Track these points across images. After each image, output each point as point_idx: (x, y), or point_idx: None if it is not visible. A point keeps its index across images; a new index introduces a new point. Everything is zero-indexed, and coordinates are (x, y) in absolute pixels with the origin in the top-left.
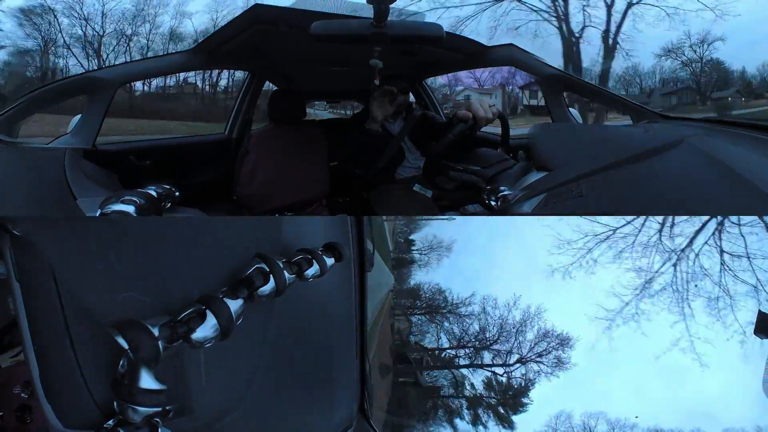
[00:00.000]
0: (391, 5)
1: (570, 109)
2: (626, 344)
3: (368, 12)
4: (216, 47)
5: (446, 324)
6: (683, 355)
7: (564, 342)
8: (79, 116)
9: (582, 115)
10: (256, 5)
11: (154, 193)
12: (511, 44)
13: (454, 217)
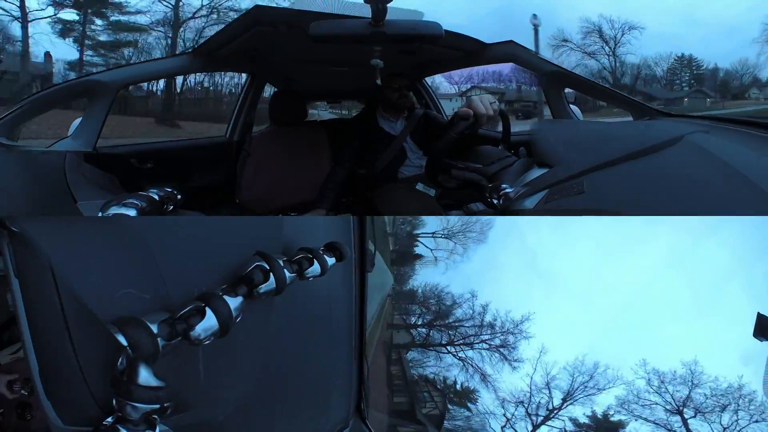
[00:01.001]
0: (389, 4)
1: (570, 105)
2: (628, 347)
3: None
4: (216, 49)
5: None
6: (684, 357)
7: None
8: (79, 119)
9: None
10: (257, 6)
11: (155, 197)
12: (512, 41)
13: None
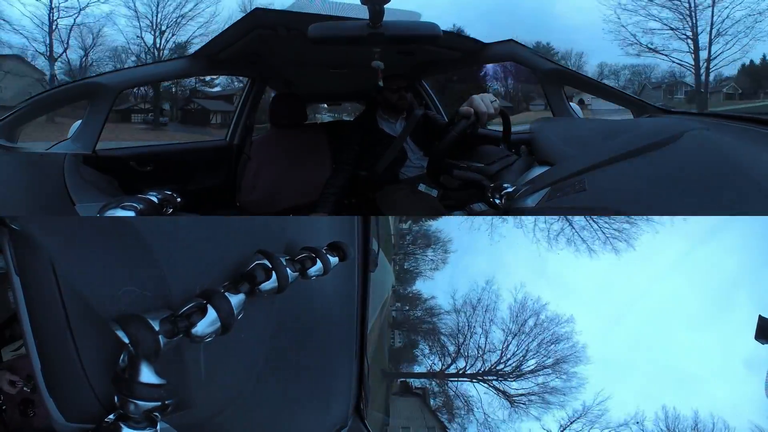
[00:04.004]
0: (386, 6)
1: (570, 103)
2: (632, 349)
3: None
4: (216, 53)
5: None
6: (686, 359)
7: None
8: (79, 122)
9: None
10: (257, 9)
11: (155, 199)
12: (512, 40)
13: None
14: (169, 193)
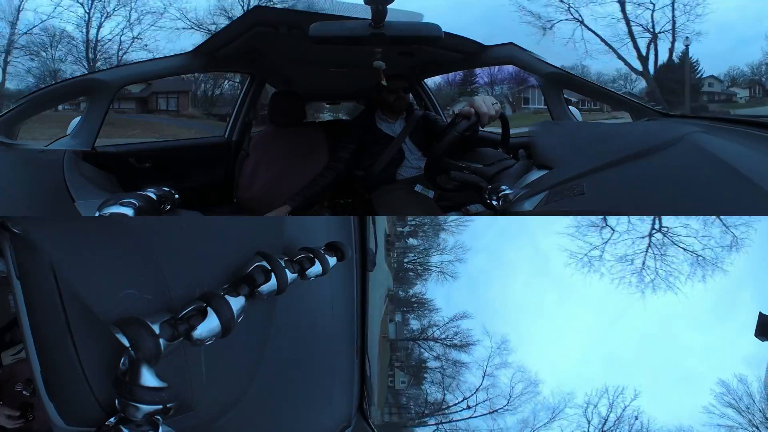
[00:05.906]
0: (389, 6)
1: (569, 106)
2: (633, 349)
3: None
4: (216, 50)
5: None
6: (687, 357)
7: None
8: (78, 118)
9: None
10: (257, 7)
11: (153, 196)
12: (511, 43)
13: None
14: (168, 189)
